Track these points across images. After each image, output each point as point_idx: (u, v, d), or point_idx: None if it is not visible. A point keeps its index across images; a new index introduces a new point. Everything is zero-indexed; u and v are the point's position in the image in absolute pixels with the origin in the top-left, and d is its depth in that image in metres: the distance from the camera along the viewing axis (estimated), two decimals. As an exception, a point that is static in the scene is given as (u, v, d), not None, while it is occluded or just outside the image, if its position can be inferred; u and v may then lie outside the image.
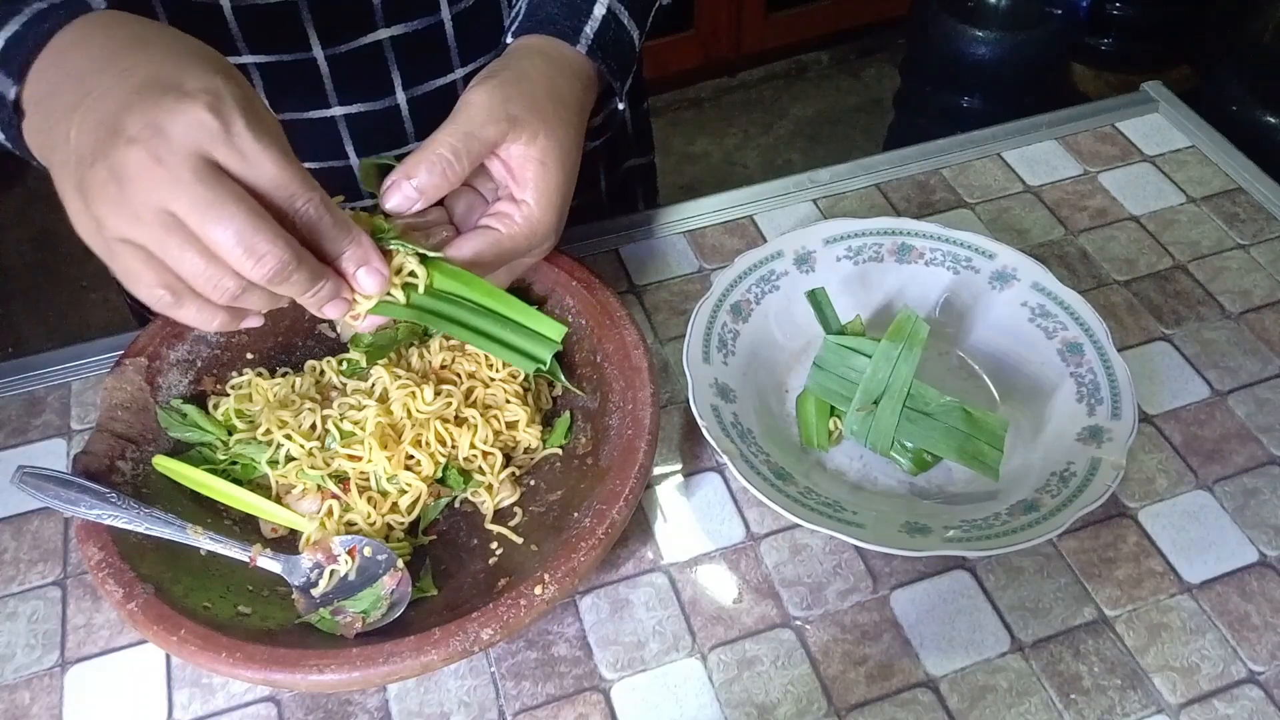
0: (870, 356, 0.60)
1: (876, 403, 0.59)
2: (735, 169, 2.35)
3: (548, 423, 0.62)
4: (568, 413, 0.62)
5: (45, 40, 0.46)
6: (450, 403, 0.59)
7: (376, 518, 0.56)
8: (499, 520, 0.57)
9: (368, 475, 0.57)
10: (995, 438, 0.58)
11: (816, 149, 2.38)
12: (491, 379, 0.61)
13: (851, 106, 2.49)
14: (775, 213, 0.78)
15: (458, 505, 0.59)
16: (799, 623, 0.56)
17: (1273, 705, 0.52)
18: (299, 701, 0.53)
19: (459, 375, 0.61)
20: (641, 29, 0.64)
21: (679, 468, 0.63)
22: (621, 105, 0.63)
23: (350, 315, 0.51)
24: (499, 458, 0.59)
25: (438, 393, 0.59)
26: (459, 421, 0.59)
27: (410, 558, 0.56)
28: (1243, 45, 1.78)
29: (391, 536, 0.56)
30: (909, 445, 0.60)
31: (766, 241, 0.70)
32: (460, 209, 0.57)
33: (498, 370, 0.61)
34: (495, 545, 0.56)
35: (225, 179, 0.42)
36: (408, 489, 0.57)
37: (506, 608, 0.48)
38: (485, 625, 0.48)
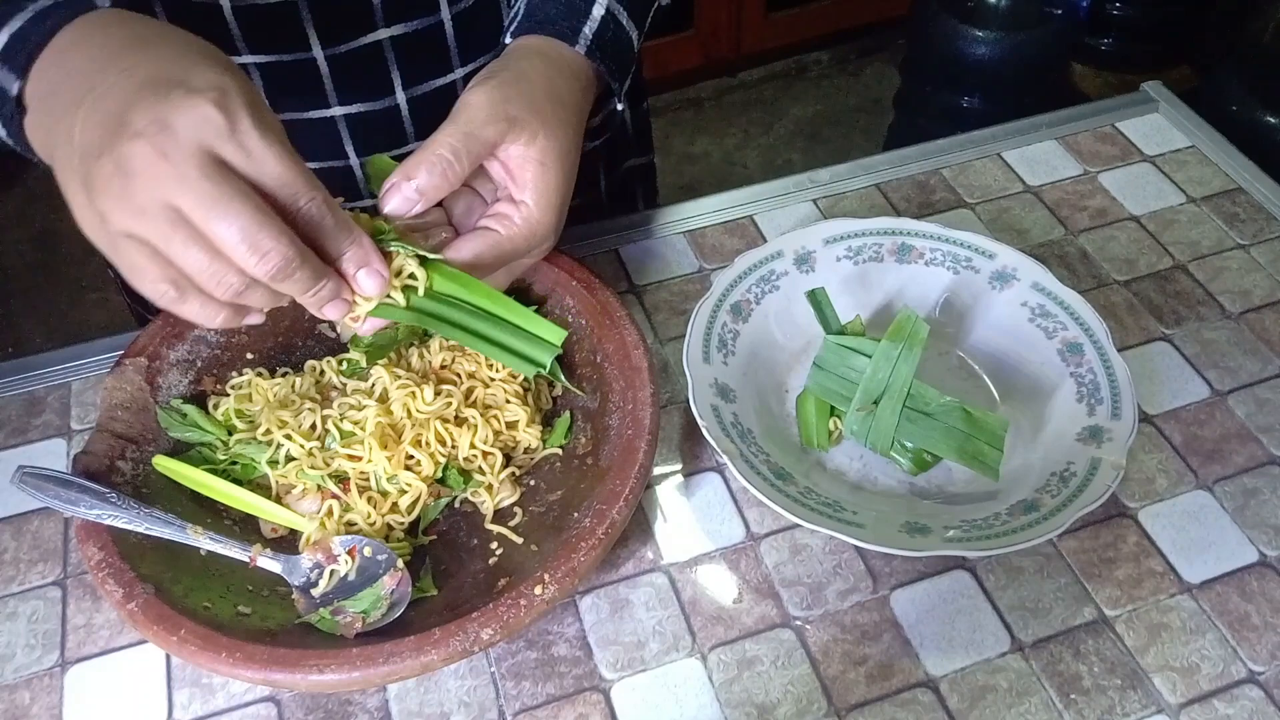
0: (870, 356, 0.60)
1: (876, 403, 0.59)
2: (735, 169, 2.35)
3: (548, 423, 0.62)
4: (568, 413, 0.62)
5: (49, 37, 0.46)
6: (450, 403, 0.59)
7: (376, 518, 0.56)
8: (499, 520, 0.57)
9: (368, 475, 0.57)
10: (995, 438, 0.58)
11: (816, 149, 2.38)
12: (491, 379, 0.61)
13: (851, 106, 2.49)
14: (775, 213, 0.78)
15: (458, 505, 0.59)
16: (799, 623, 0.56)
17: (1273, 705, 0.52)
18: (299, 701, 0.53)
19: (459, 375, 0.61)
20: (640, 29, 0.64)
21: (679, 468, 0.63)
22: (620, 106, 0.63)
23: (350, 317, 0.51)
24: (499, 458, 0.59)
25: (438, 393, 0.59)
26: (459, 421, 0.59)
27: (410, 558, 0.56)
28: (1243, 45, 1.78)
29: (391, 536, 0.56)
30: (909, 445, 0.60)
31: (766, 241, 0.70)
32: (459, 210, 0.57)
33: (498, 370, 0.61)
34: (495, 545, 0.56)
35: (230, 175, 0.42)
36: (408, 489, 0.57)
37: (506, 608, 0.48)
38: (485, 625, 0.48)
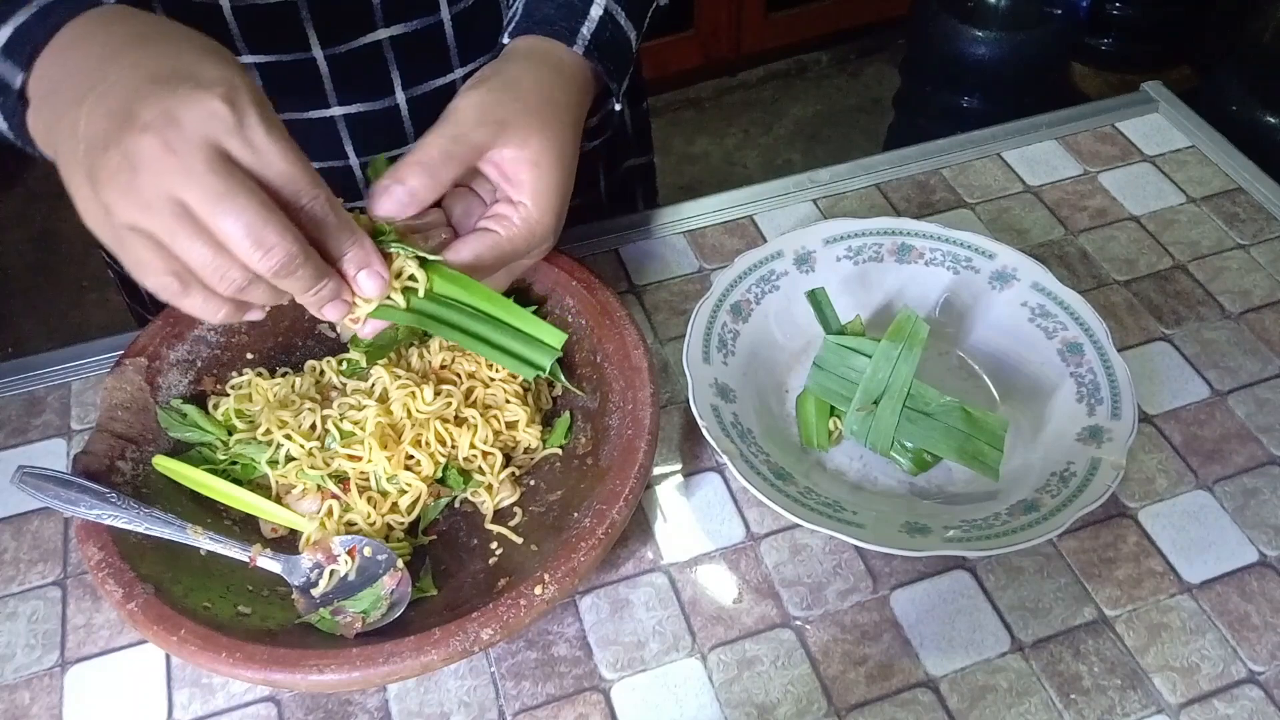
0: (870, 356, 0.60)
1: (876, 403, 0.59)
2: (735, 169, 2.35)
3: (548, 423, 0.62)
4: (568, 413, 0.62)
5: (53, 32, 0.46)
6: (450, 403, 0.59)
7: (376, 518, 0.56)
8: (499, 520, 0.57)
9: (368, 475, 0.57)
10: (995, 438, 0.58)
11: (816, 149, 2.38)
12: (491, 379, 0.61)
13: (851, 106, 2.49)
14: (775, 213, 0.78)
15: (458, 505, 0.59)
16: (799, 623, 0.56)
17: (1273, 705, 0.52)
18: (299, 701, 0.53)
19: (459, 375, 0.61)
20: (639, 30, 0.64)
21: (679, 468, 0.63)
22: (618, 106, 0.63)
23: (350, 318, 0.51)
24: (499, 458, 0.59)
25: (438, 393, 0.59)
26: (459, 421, 0.59)
27: (410, 558, 0.56)
28: (1243, 45, 1.77)
29: (391, 536, 0.56)
30: (909, 445, 0.60)
31: (766, 241, 0.70)
32: (458, 211, 0.57)
33: (498, 370, 0.61)
34: (495, 545, 0.56)
35: (237, 170, 0.42)
36: (408, 489, 0.57)
37: (506, 608, 0.48)
38: (485, 625, 0.48)
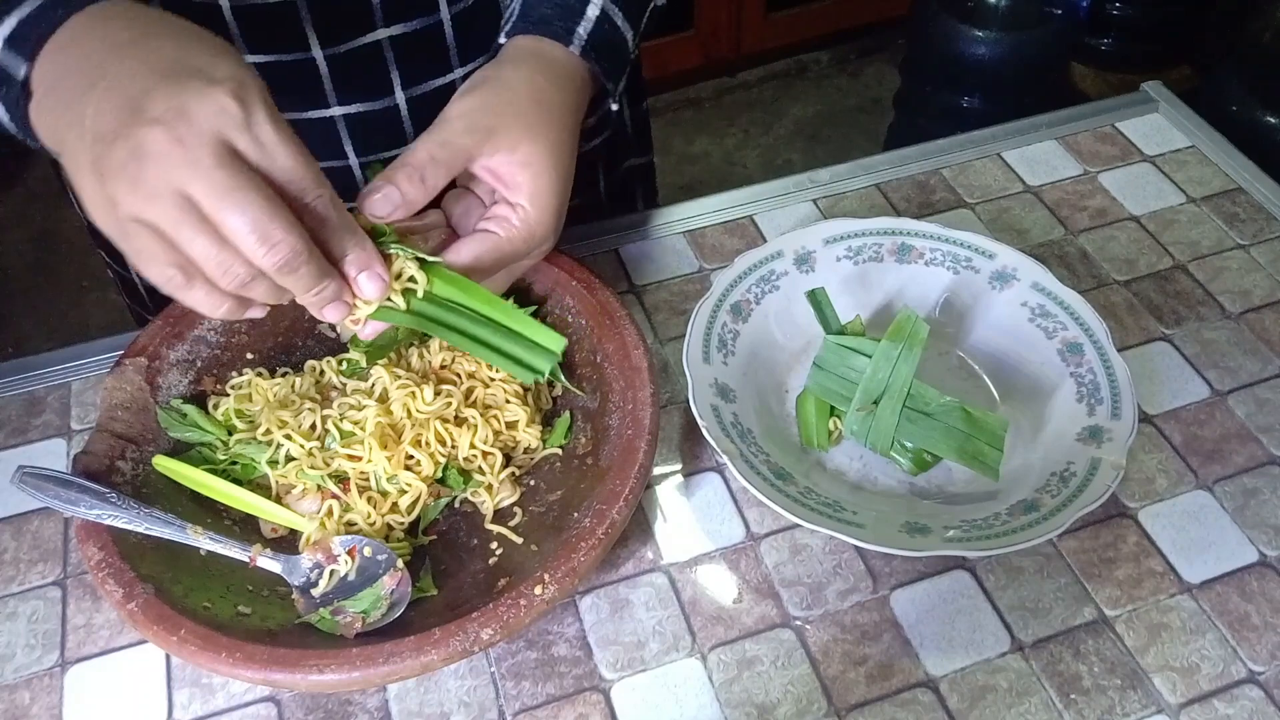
0: (870, 356, 0.60)
1: (876, 403, 0.59)
2: (735, 169, 2.34)
3: (548, 423, 0.62)
4: (568, 413, 0.62)
5: (59, 23, 0.46)
6: (450, 403, 0.59)
7: (376, 518, 0.56)
8: (499, 520, 0.57)
9: (368, 475, 0.57)
10: (995, 438, 0.58)
11: (816, 149, 2.38)
12: (491, 379, 0.61)
13: (851, 106, 2.49)
14: (775, 213, 0.78)
15: (458, 505, 0.59)
16: (799, 623, 0.56)
17: (1273, 705, 0.52)
18: (299, 701, 0.53)
19: (459, 375, 0.61)
20: (636, 30, 0.64)
21: (679, 468, 0.63)
22: (615, 106, 0.63)
23: (350, 319, 0.51)
24: (499, 458, 0.59)
25: (438, 393, 0.59)
26: (459, 421, 0.59)
27: (410, 558, 0.56)
28: (1243, 45, 1.77)
29: (391, 536, 0.56)
30: (909, 445, 0.60)
31: (766, 241, 0.70)
32: (457, 212, 0.58)
33: (498, 370, 0.61)
34: (495, 545, 0.56)
35: (244, 166, 0.43)
36: (408, 489, 0.57)
37: (506, 608, 0.48)
38: (485, 625, 0.48)
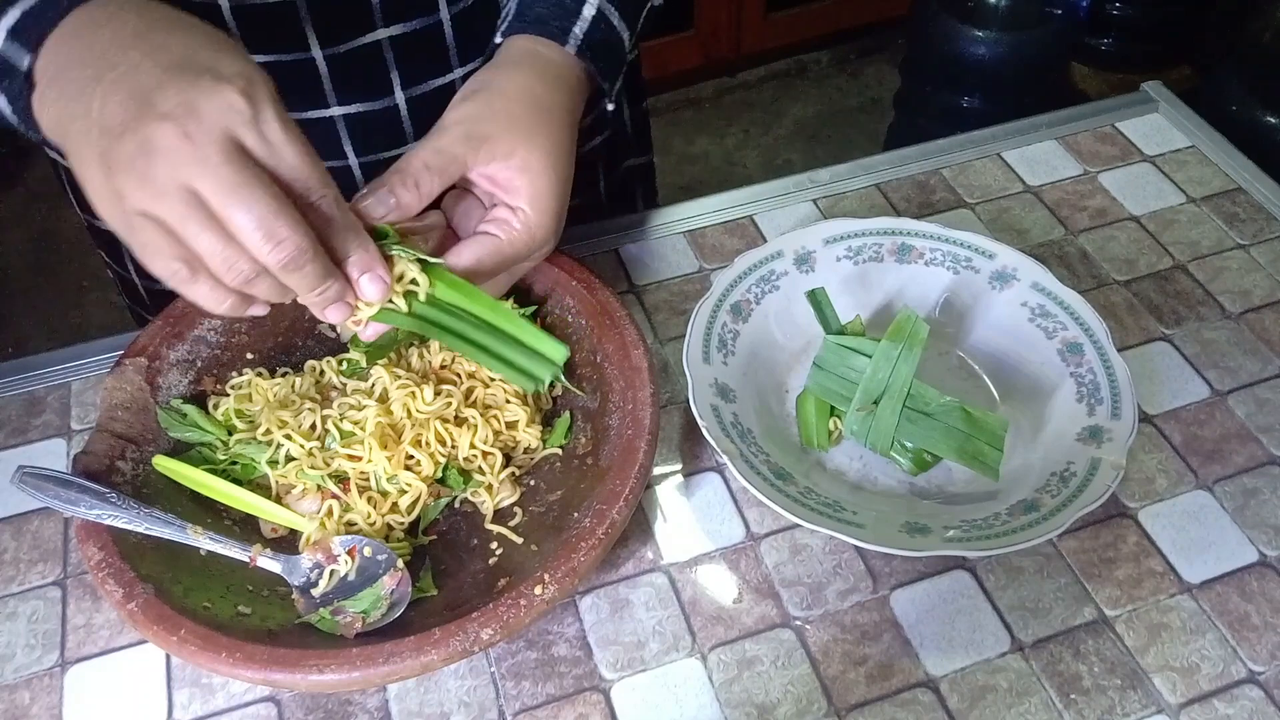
0: (870, 356, 0.60)
1: (876, 403, 0.59)
2: (735, 169, 2.34)
3: (548, 423, 0.62)
4: (568, 413, 0.62)
5: (63, 15, 0.46)
6: (450, 403, 0.59)
7: (376, 518, 0.56)
8: (499, 520, 0.57)
9: (368, 475, 0.57)
10: (995, 438, 0.58)
11: (816, 149, 2.38)
12: (491, 379, 0.61)
13: (851, 106, 2.49)
14: (775, 213, 0.78)
15: (458, 505, 0.59)
16: (799, 623, 0.56)
17: (1273, 705, 0.52)
18: (299, 701, 0.53)
19: (459, 375, 0.61)
20: (632, 30, 0.64)
21: (679, 468, 0.63)
22: (611, 106, 0.63)
23: (351, 320, 0.51)
24: (499, 458, 0.59)
25: (438, 393, 0.59)
26: (459, 421, 0.59)
27: (410, 558, 0.56)
28: (1243, 45, 1.77)
29: (391, 536, 0.56)
30: (909, 445, 0.60)
31: (766, 241, 0.70)
32: (458, 213, 0.58)
33: (498, 370, 0.61)
34: (495, 545, 0.56)
35: (251, 163, 0.43)
36: (408, 489, 0.57)
37: (506, 608, 0.48)
38: (485, 625, 0.48)
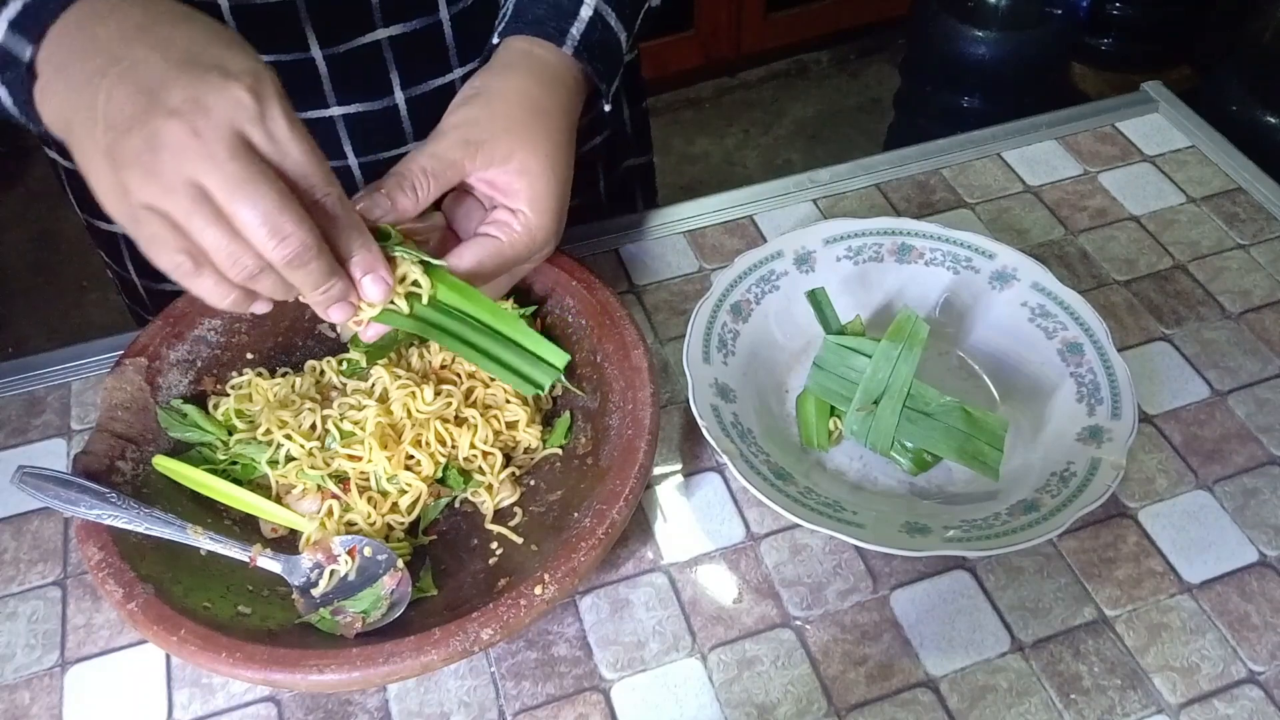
0: (870, 356, 0.60)
1: (876, 403, 0.59)
2: (735, 169, 2.34)
3: (548, 423, 0.62)
4: (568, 413, 0.62)
5: (65, 6, 0.46)
6: (450, 403, 0.59)
7: (376, 518, 0.56)
8: (499, 520, 0.57)
9: (368, 475, 0.57)
10: (995, 438, 0.58)
11: (816, 149, 2.38)
12: (491, 379, 0.61)
13: (851, 106, 2.49)
14: (775, 213, 0.78)
15: (458, 505, 0.59)
16: (799, 623, 0.56)
17: (1273, 705, 0.52)
18: (299, 701, 0.53)
19: (459, 375, 0.61)
20: (629, 31, 0.64)
21: (679, 468, 0.63)
22: (608, 107, 0.63)
23: (354, 321, 0.51)
24: (499, 458, 0.59)
25: (438, 393, 0.59)
26: (459, 421, 0.59)
27: (410, 558, 0.56)
28: (1243, 45, 1.77)
29: (391, 536, 0.56)
30: (909, 445, 0.60)
31: (766, 241, 0.70)
32: (458, 214, 0.58)
33: (498, 370, 0.61)
34: (495, 545, 0.56)
35: (257, 159, 0.43)
36: (408, 489, 0.57)
37: (506, 608, 0.48)
38: (485, 625, 0.48)
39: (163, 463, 0.57)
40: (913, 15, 2.00)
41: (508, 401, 0.60)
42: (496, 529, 0.57)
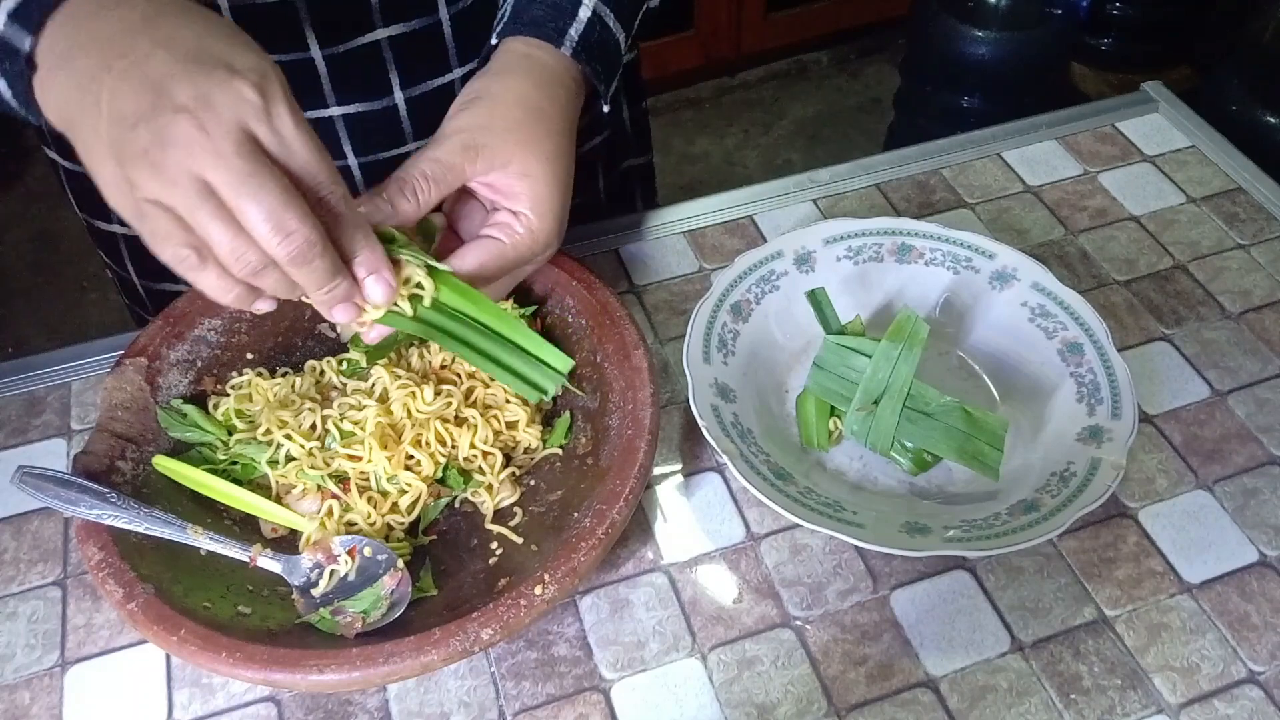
0: (870, 356, 0.60)
1: (876, 403, 0.59)
2: (735, 169, 2.35)
3: (548, 423, 0.62)
4: (568, 413, 0.62)
5: None
6: (450, 403, 0.59)
7: (376, 518, 0.56)
8: (499, 520, 0.57)
9: (368, 475, 0.57)
10: (995, 438, 0.58)
11: (816, 149, 2.38)
12: (491, 379, 0.61)
13: (851, 106, 2.49)
14: (775, 213, 0.78)
15: (458, 505, 0.59)
16: (799, 623, 0.56)
17: (1273, 705, 0.52)
18: (299, 701, 0.53)
19: (459, 375, 0.61)
20: (628, 32, 0.64)
21: (679, 468, 0.63)
22: (607, 108, 0.63)
23: (357, 322, 0.51)
24: (499, 458, 0.59)
25: (438, 393, 0.59)
26: (459, 421, 0.59)
27: (410, 558, 0.56)
28: (1243, 45, 1.77)
29: (391, 536, 0.56)
30: (909, 445, 0.60)
31: (766, 241, 0.70)
32: (461, 215, 0.58)
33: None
34: (495, 545, 0.56)
35: (263, 156, 0.43)
36: (408, 489, 0.57)
37: (506, 608, 0.48)
38: (485, 625, 0.48)
39: (163, 463, 0.57)
40: (913, 15, 2.00)
41: (508, 401, 0.60)
42: (496, 529, 0.57)
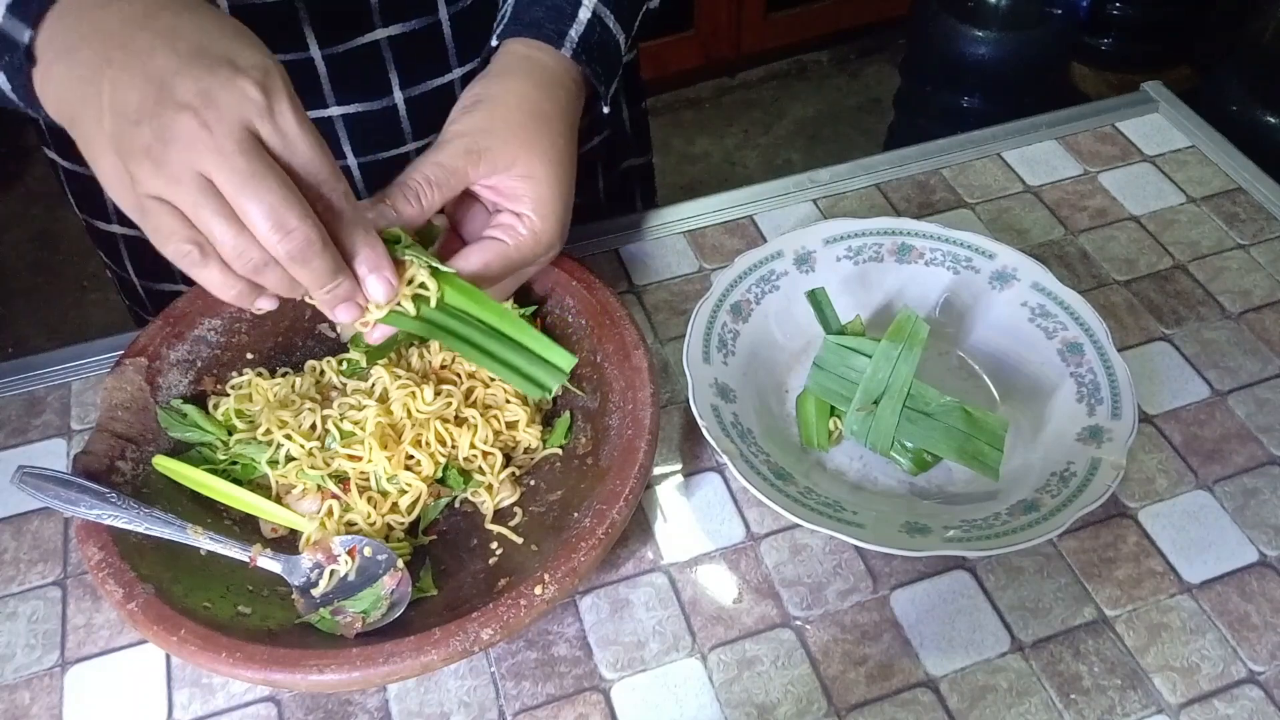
0: (870, 356, 0.60)
1: (876, 403, 0.59)
2: (735, 169, 2.35)
3: (548, 423, 0.62)
4: (568, 413, 0.62)
5: None
6: (450, 403, 0.59)
7: (376, 518, 0.56)
8: (499, 520, 0.57)
9: (368, 475, 0.57)
10: (995, 438, 0.58)
11: (816, 149, 2.38)
12: (491, 379, 0.61)
13: (851, 106, 2.49)
14: (775, 213, 0.78)
15: (458, 505, 0.59)
16: (799, 623, 0.56)
17: (1273, 705, 0.52)
18: (299, 701, 0.53)
19: (459, 375, 0.61)
20: (628, 33, 0.64)
21: (679, 468, 0.63)
22: (606, 109, 0.63)
23: (360, 322, 0.51)
24: (499, 458, 0.59)
25: (438, 393, 0.59)
26: (459, 421, 0.59)
27: (410, 558, 0.56)
28: (1243, 45, 1.77)
29: (391, 536, 0.56)
30: (909, 445, 0.60)
31: (766, 241, 0.70)
32: (464, 217, 0.58)
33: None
34: (495, 545, 0.56)
35: (265, 154, 0.43)
36: (408, 489, 0.57)
37: (506, 608, 0.48)
38: (485, 625, 0.48)
39: (163, 463, 0.57)
40: (913, 15, 2.00)
41: (508, 401, 0.60)
42: (496, 529, 0.57)
